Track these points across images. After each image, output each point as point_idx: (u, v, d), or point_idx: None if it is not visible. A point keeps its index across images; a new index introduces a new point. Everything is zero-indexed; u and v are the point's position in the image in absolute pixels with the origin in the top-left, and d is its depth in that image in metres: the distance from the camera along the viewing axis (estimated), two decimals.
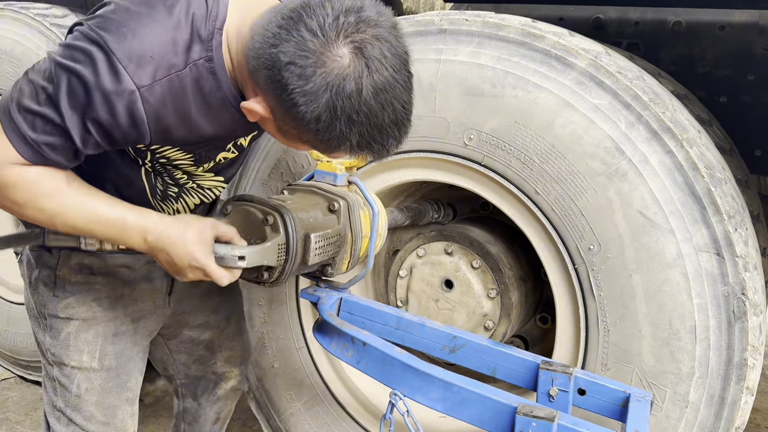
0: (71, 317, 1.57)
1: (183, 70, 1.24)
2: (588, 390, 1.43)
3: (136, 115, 1.22)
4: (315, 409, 2.09)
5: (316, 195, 1.57)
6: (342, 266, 1.59)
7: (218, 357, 1.91)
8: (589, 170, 1.55)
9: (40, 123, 1.21)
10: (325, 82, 1.11)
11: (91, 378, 1.60)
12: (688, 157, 1.48)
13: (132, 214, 1.32)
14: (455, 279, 1.88)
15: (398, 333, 1.65)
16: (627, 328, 1.56)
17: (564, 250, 1.62)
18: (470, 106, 1.68)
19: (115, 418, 1.64)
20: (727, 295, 1.47)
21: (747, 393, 1.49)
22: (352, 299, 1.70)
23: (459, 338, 1.59)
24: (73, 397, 1.60)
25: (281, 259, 1.40)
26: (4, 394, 3.06)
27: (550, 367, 1.44)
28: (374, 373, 1.45)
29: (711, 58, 2.12)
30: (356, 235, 1.57)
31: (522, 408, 1.21)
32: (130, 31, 1.19)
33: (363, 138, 1.18)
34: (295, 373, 2.11)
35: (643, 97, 1.52)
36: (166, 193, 1.52)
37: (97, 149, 1.28)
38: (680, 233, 1.48)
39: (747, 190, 1.95)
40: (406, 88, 1.19)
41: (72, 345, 1.58)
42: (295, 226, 1.40)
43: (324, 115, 1.14)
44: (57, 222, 1.29)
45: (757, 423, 2.99)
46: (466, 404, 1.29)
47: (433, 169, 1.81)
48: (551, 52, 1.60)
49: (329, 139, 1.18)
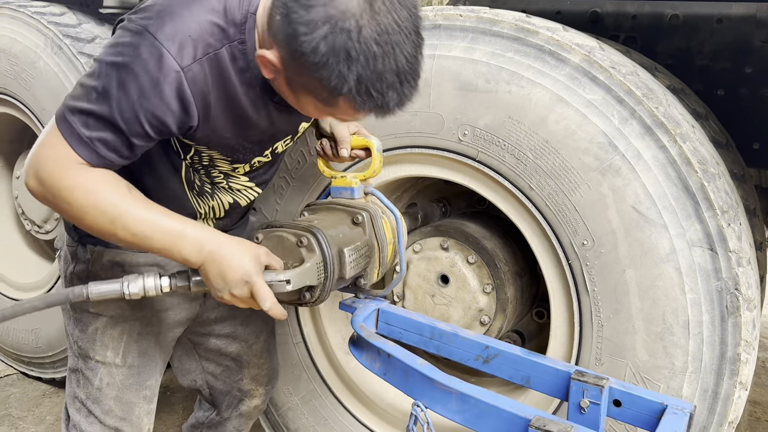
0: (100, 313, 1.61)
1: (220, 50, 1.28)
2: (624, 401, 1.38)
3: (184, 96, 1.26)
4: (312, 403, 2.11)
5: (338, 211, 1.60)
6: (373, 275, 1.61)
7: (245, 373, 1.92)
8: (582, 166, 1.55)
9: (93, 121, 1.24)
10: (327, 14, 1.12)
11: (113, 373, 1.64)
12: (682, 152, 1.48)
13: (191, 225, 1.34)
14: (451, 274, 1.89)
15: (433, 343, 1.64)
16: (620, 323, 1.56)
17: (558, 245, 1.62)
18: (464, 102, 1.68)
19: (131, 414, 1.68)
20: (721, 290, 1.47)
21: (740, 388, 1.49)
22: (389, 310, 1.69)
23: (492, 348, 1.56)
24: (95, 390, 1.64)
25: (321, 277, 1.43)
26: (7, 390, 3.09)
27: (582, 378, 1.39)
28: (399, 384, 1.45)
29: (708, 51, 2.10)
30: (382, 243, 1.59)
31: (536, 421, 1.19)
32: (168, 15, 1.24)
33: (362, 82, 1.16)
34: (292, 368, 2.12)
35: (636, 93, 1.51)
36: (203, 189, 1.55)
37: (148, 141, 1.31)
38: (673, 228, 1.48)
39: (743, 184, 1.94)
40: (411, 40, 1.17)
41: (98, 340, 1.62)
42: (329, 243, 1.43)
43: (321, 47, 1.13)
44: (117, 226, 1.28)
45: (758, 416, 2.99)
46: (483, 416, 1.28)
47: (428, 165, 1.81)
48: (545, 47, 1.60)
49: (328, 77, 1.16)
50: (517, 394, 1.88)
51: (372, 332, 1.56)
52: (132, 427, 1.68)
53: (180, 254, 1.32)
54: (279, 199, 2.02)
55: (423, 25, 1.21)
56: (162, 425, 2.82)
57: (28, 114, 2.79)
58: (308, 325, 2.09)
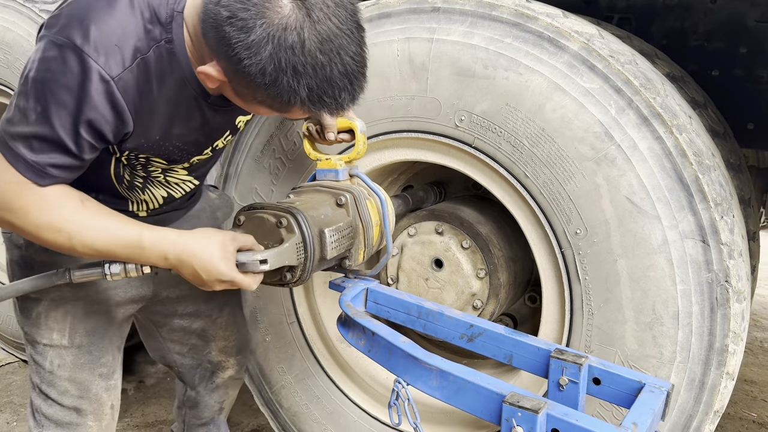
0: (40, 297, 1.59)
1: (148, 54, 1.26)
2: (603, 379, 1.41)
3: (117, 105, 1.24)
4: (306, 382, 2.13)
5: (322, 193, 1.60)
6: (359, 256, 1.62)
7: (212, 346, 1.93)
8: (578, 155, 1.55)
9: (37, 143, 1.22)
10: (267, 34, 1.11)
11: (63, 355, 1.64)
12: (677, 143, 1.48)
13: (147, 232, 1.33)
14: (445, 258, 1.89)
15: (420, 321, 1.67)
16: (611, 312, 1.57)
17: (551, 233, 1.62)
18: (462, 87, 1.67)
19: (89, 392, 1.68)
20: (711, 282, 1.48)
21: (727, 378, 1.51)
22: (378, 289, 1.71)
23: (476, 327, 1.58)
24: (47, 373, 1.64)
25: (301, 257, 1.44)
26: (8, 378, 3.12)
27: (561, 356, 1.42)
28: (382, 361, 1.47)
29: (703, 31, 2.09)
30: (366, 224, 1.59)
31: (510, 397, 1.22)
32: (92, 23, 1.20)
33: (313, 92, 1.17)
34: (286, 347, 2.14)
35: (634, 82, 1.50)
36: (133, 183, 1.52)
37: (93, 152, 1.29)
38: (666, 220, 1.49)
39: (739, 174, 1.94)
40: (353, 39, 1.18)
41: (42, 324, 1.61)
42: (309, 223, 1.44)
43: (268, 67, 1.14)
44: (76, 243, 1.28)
45: (754, 395, 3.04)
46: (461, 392, 1.30)
47: (424, 150, 1.80)
48: (544, 34, 1.58)
49: (279, 94, 1.18)
50: (509, 376, 1.90)
51: (358, 311, 1.58)
52: (91, 403, 1.69)
53: (148, 263, 1.34)
54: (275, 179, 2.02)
55: (362, 17, 1.21)
56: (162, 410, 2.86)
57: None
58: (302, 305, 2.10)
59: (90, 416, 1.69)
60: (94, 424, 1.71)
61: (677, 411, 1.55)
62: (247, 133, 2.06)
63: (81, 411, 1.68)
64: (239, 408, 2.80)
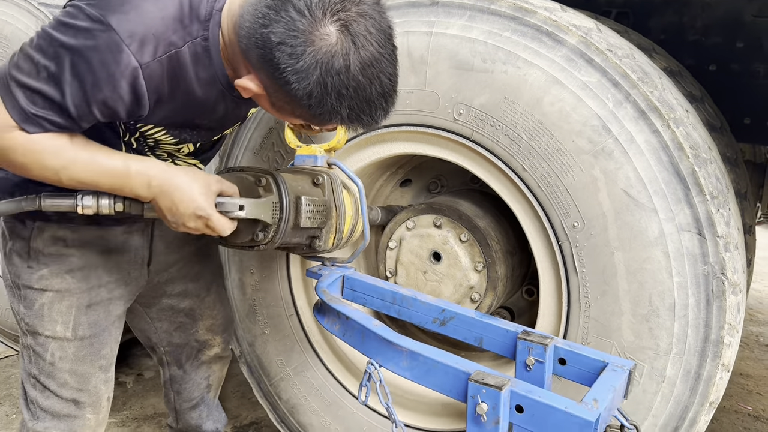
0: (45, 288, 1.60)
1: (182, 48, 1.28)
2: (568, 359, 1.46)
3: (138, 90, 1.26)
4: (304, 374, 2.14)
5: (300, 172, 1.62)
6: (329, 240, 1.62)
7: (199, 325, 1.96)
8: (575, 148, 1.56)
9: (40, 100, 1.23)
10: (315, 60, 1.16)
11: (65, 347, 1.64)
12: (674, 137, 1.49)
13: (135, 162, 1.35)
14: (443, 252, 1.90)
15: (395, 307, 1.72)
16: (608, 304, 1.58)
17: (549, 226, 1.63)
18: (460, 81, 1.68)
19: (88, 384, 1.69)
20: (707, 275, 1.49)
21: (722, 369, 1.53)
22: (354, 276, 1.75)
23: (448, 311, 1.64)
24: (47, 365, 1.64)
25: (276, 217, 1.46)
26: (8, 371, 3.13)
27: (528, 337, 1.47)
28: (356, 344, 1.51)
29: (700, 26, 2.11)
30: (340, 209, 1.61)
31: (475, 375, 1.25)
32: (132, 9, 1.21)
33: (353, 111, 1.24)
34: (285, 339, 2.15)
35: (631, 76, 1.51)
36: None
37: (94, 122, 1.31)
38: (663, 213, 1.50)
39: (735, 168, 1.95)
40: (391, 61, 1.24)
41: (46, 315, 1.61)
42: (287, 187, 1.47)
43: (315, 91, 1.19)
44: (63, 177, 1.30)
45: (749, 389, 3.06)
46: (431, 372, 1.34)
47: (422, 143, 1.81)
48: (542, 27, 1.59)
49: (321, 113, 1.24)
50: (506, 368, 1.92)
51: (333, 296, 1.62)
52: (90, 396, 1.70)
53: (131, 191, 1.35)
54: None
55: (395, 35, 1.27)
56: (161, 403, 2.88)
57: None
58: (301, 298, 2.11)
59: (88, 408, 1.70)
60: (92, 417, 1.72)
61: (673, 402, 1.56)
62: (245, 127, 2.06)
63: (80, 403, 1.69)
64: (237, 401, 2.82)
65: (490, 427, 1.21)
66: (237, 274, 2.19)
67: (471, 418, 1.24)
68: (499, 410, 1.20)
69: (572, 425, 1.16)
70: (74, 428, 1.69)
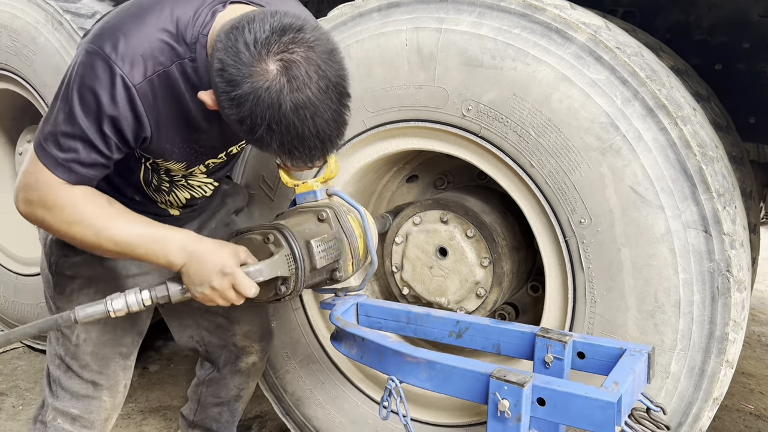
0: (76, 275, 1.71)
1: (170, 67, 1.39)
2: (586, 352, 1.48)
3: (137, 110, 1.37)
4: (310, 367, 2.16)
5: (303, 213, 1.67)
6: (348, 268, 1.67)
7: (236, 329, 2.00)
8: (583, 145, 1.57)
9: (65, 141, 1.36)
10: (250, 91, 1.24)
11: (89, 330, 1.74)
12: (682, 135, 1.50)
13: (172, 230, 1.47)
14: (449, 247, 1.92)
15: (410, 327, 1.74)
16: (613, 300, 1.60)
17: (556, 222, 1.65)
18: (469, 77, 1.69)
19: (107, 368, 1.79)
20: (713, 272, 1.50)
21: (727, 366, 1.54)
22: (367, 302, 1.78)
23: (462, 322, 1.65)
24: (72, 346, 1.74)
25: (292, 267, 1.52)
26: (14, 363, 3.15)
27: (546, 335, 1.48)
28: (374, 364, 1.54)
29: (707, 25, 2.11)
30: (350, 236, 1.65)
31: (497, 372, 1.27)
32: (122, 35, 1.35)
33: (284, 145, 1.30)
34: (291, 332, 2.17)
35: (640, 74, 1.53)
36: (160, 187, 1.66)
37: (117, 152, 1.42)
38: (670, 210, 1.51)
39: (741, 167, 1.96)
40: (331, 106, 1.29)
41: (75, 300, 1.71)
42: (294, 236, 1.52)
43: (247, 120, 1.27)
44: (103, 237, 1.40)
45: (751, 388, 3.08)
46: (450, 379, 1.36)
47: (430, 139, 1.83)
48: (552, 25, 1.60)
49: (255, 140, 1.31)
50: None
51: (347, 322, 1.65)
52: (108, 380, 1.80)
53: (165, 257, 1.44)
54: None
55: (348, 85, 1.32)
56: (166, 396, 2.89)
57: (30, 90, 2.78)
58: (308, 292, 2.12)
59: (105, 391, 1.80)
60: (109, 399, 1.81)
61: (677, 398, 1.57)
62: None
63: (98, 385, 1.78)
64: None
65: (512, 424, 1.22)
66: None
67: (493, 416, 1.25)
68: (521, 407, 1.21)
69: (594, 409, 1.18)
70: (90, 408, 1.79)
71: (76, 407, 1.77)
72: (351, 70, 1.83)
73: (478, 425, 1.89)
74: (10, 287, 3.14)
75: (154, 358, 3.27)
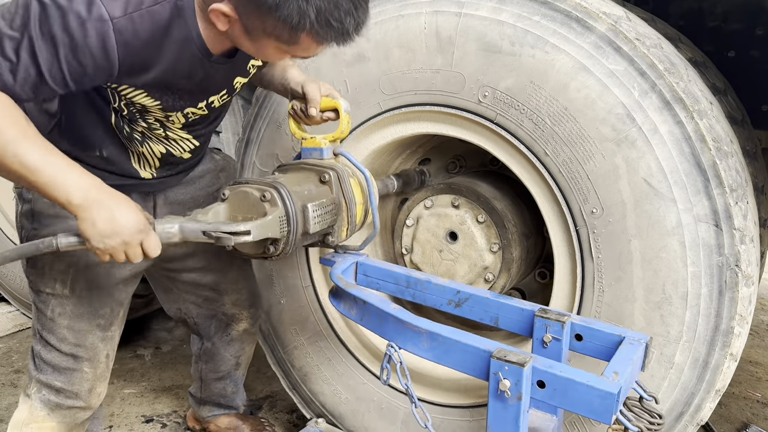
0: None
1: (153, 7, 1.30)
2: (585, 335, 1.50)
3: (107, 44, 1.27)
4: (318, 344, 2.19)
5: (306, 170, 1.64)
6: (341, 233, 1.66)
7: (225, 299, 2.03)
8: (599, 135, 1.58)
9: (9, 44, 1.22)
10: None
11: (64, 304, 1.72)
12: (697, 128, 1.50)
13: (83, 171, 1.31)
14: (460, 231, 1.93)
15: (409, 291, 1.75)
16: (621, 291, 1.62)
17: (567, 211, 1.66)
18: (487, 63, 1.69)
19: (85, 341, 1.77)
20: (721, 266, 1.52)
21: (730, 359, 1.56)
22: (367, 262, 1.79)
23: (463, 292, 1.67)
24: (48, 321, 1.73)
25: (284, 230, 1.48)
26: (28, 342, 3.20)
27: (545, 315, 1.51)
28: (374, 328, 1.55)
29: (720, 12, 2.09)
30: (350, 202, 1.64)
31: (497, 352, 1.29)
32: None
33: (320, 14, 1.24)
34: (300, 309, 2.20)
35: (658, 66, 1.52)
36: (132, 135, 1.58)
37: (58, 87, 1.29)
38: (682, 203, 1.52)
39: (754, 161, 1.96)
40: None
41: (47, 274, 1.69)
42: (292, 198, 1.48)
43: None
44: (9, 152, 1.23)
45: (759, 376, 3.11)
46: (450, 352, 1.37)
47: (445, 124, 1.83)
48: (572, 13, 1.60)
49: (288, 15, 1.24)
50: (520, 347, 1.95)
51: (350, 283, 1.65)
52: (87, 351, 1.78)
53: (66, 193, 1.27)
54: (296, 146, 2.05)
55: None
56: (179, 375, 2.94)
57: None
58: (318, 270, 2.15)
59: (86, 363, 1.79)
60: (90, 371, 1.80)
61: (680, 388, 1.60)
62: (269, 100, 2.08)
63: (78, 358, 1.77)
64: (253, 375, 2.88)
65: (513, 402, 1.25)
66: None
67: (493, 395, 1.27)
68: (522, 386, 1.24)
69: (594, 398, 1.20)
70: (73, 380, 1.78)
71: (59, 380, 1.77)
72: (368, 51, 1.86)
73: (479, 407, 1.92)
74: (19, 262, 3.17)
75: (167, 338, 3.32)
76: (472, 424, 1.92)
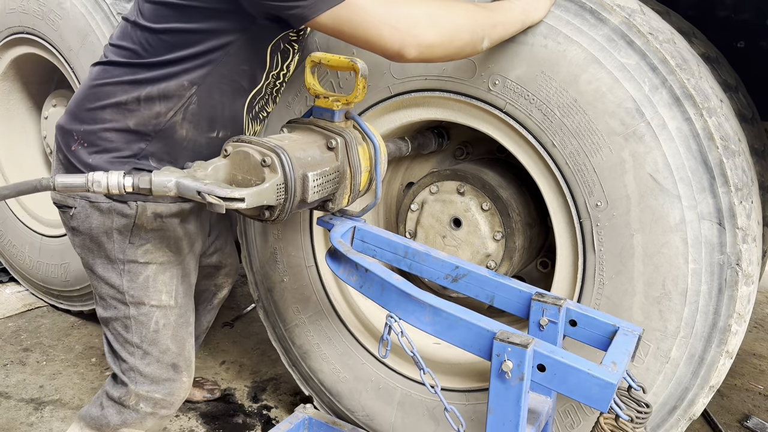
0: (150, 261, 1.70)
1: None
2: (579, 321, 1.51)
3: None
4: (319, 323, 2.22)
5: (314, 132, 1.60)
6: (342, 201, 1.64)
7: (221, 272, 2.18)
8: (607, 128, 1.58)
9: None
10: None
11: (168, 315, 1.76)
12: (706, 126, 1.50)
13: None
14: (464, 218, 1.94)
15: (406, 261, 1.75)
16: (621, 284, 1.63)
17: (572, 203, 1.67)
18: (499, 51, 1.69)
19: (184, 349, 1.82)
20: (722, 264, 1.52)
21: (726, 356, 1.58)
22: (365, 228, 1.77)
23: (461, 268, 1.67)
24: (151, 333, 1.74)
25: (281, 198, 1.45)
26: (38, 321, 3.22)
27: (542, 299, 1.52)
28: (374, 297, 1.54)
29: (730, 2, 2.07)
30: (355, 170, 1.61)
31: (500, 334, 1.30)
32: None
33: None
34: (302, 288, 2.22)
35: (670, 62, 1.52)
36: (258, 115, 1.75)
37: None
38: (686, 200, 1.52)
39: (762, 160, 1.96)
40: None
41: (151, 286, 1.71)
42: (293, 165, 1.44)
43: None
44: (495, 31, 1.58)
45: (762, 369, 3.13)
46: (453, 328, 1.38)
47: (454, 111, 1.83)
48: (586, 5, 1.59)
49: None
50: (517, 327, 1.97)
51: (351, 249, 1.63)
52: (185, 360, 1.82)
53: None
54: None
55: None
56: None
57: (56, 54, 2.74)
58: (321, 250, 2.17)
59: (184, 372, 1.82)
60: (187, 380, 1.83)
61: (674, 382, 1.62)
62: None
63: (177, 367, 1.80)
64: (258, 358, 2.92)
65: (515, 383, 1.27)
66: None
67: (495, 375, 1.29)
68: (524, 367, 1.25)
69: (593, 386, 1.22)
70: (173, 391, 1.80)
71: (159, 392, 1.77)
72: None
73: (474, 391, 1.95)
74: (35, 248, 3.18)
75: None
76: (467, 408, 1.95)
